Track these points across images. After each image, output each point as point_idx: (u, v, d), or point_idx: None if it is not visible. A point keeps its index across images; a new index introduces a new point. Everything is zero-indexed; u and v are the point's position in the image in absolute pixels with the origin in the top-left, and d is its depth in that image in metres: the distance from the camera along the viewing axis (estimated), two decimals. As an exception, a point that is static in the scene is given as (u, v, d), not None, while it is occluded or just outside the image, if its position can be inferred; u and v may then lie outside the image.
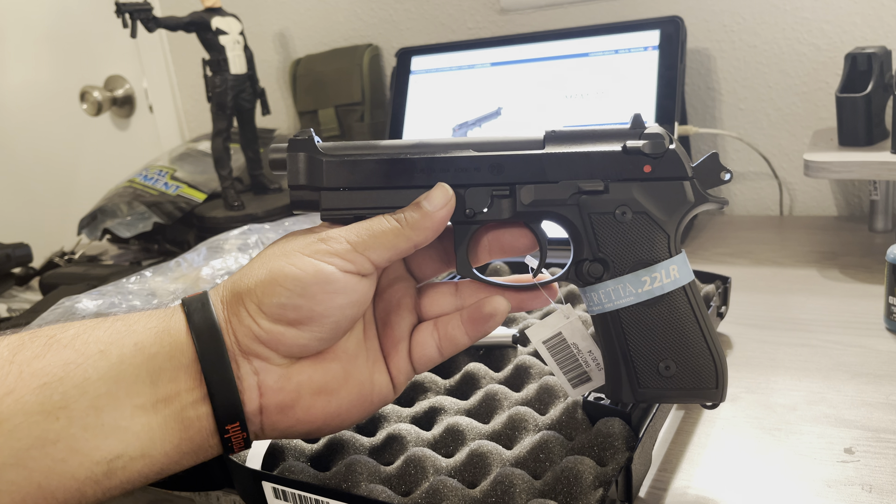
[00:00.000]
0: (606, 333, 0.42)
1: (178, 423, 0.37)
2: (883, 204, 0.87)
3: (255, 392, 0.38)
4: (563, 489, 0.41)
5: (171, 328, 0.37)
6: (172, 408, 0.36)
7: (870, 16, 0.90)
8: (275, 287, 0.37)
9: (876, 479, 0.43)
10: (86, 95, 1.54)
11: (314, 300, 0.38)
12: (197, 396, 0.37)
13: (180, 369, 0.37)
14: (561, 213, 0.42)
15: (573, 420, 0.46)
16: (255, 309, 0.38)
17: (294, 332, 0.38)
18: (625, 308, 0.40)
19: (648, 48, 0.90)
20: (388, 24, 1.20)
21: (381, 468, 0.44)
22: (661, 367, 0.40)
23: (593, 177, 0.41)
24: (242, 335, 0.38)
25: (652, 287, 0.40)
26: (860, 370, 0.56)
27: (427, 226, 0.40)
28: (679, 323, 0.40)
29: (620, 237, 0.41)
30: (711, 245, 0.89)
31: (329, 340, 0.39)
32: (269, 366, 0.38)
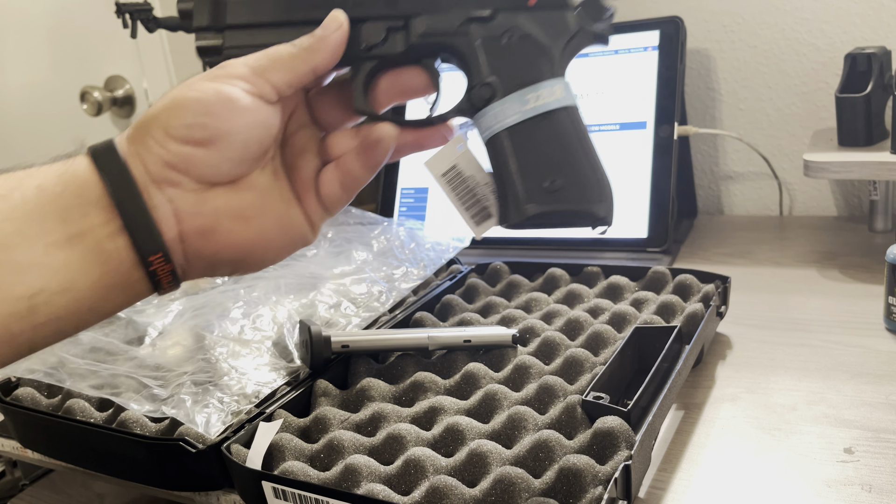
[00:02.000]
0: (497, 157, 0.42)
1: (97, 256, 0.37)
2: (882, 204, 0.87)
3: (172, 220, 0.38)
4: (563, 488, 0.41)
5: (74, 169, 0.38)
6: (88, 242, 0.37)
7: (869, 16, 0.90)
8: (179, 110, 0.38)
9: (876, 478, 0.43)
10: (86, 96, 1.54)
11: (219, 118, 0.38)
12: (112, 229, 0.37)
13: (89, 205, 0.37)
14: (452, 42, 0.43)
15: (572, 419, 0.46)
16: (161, 135, 0.38)
17: (203, 152, 0.38)
18: (512, 126, 0.41)
19: (648, 48, 0.90)
20: (388, 25, 1.20)
21: (380, 468, 0.45)
22: (546, 184, 0.41)
23: (482, 7, 0.43)
24: (152, 163, 0.38)
25: (536, 104, 0.41)
26: (860, 370, 0.56)
27: (322, 47, 0.41)
28: (563, 140, 0.42)
29: (506, 60, 0.42)
30: (711, 245, 0.89)
31: (239, 163, 0.40)
32: (183, 192, 0.38)
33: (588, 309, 0.64)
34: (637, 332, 0.55)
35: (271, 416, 0.50)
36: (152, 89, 1.49)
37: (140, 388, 0.55)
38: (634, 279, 0.69)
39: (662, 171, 0.85)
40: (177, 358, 0.59)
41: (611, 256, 0.84)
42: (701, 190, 1.05)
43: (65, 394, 0.58)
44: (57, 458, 0.57)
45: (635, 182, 0.86)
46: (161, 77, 1.46)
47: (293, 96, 0.44)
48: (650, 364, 0.50)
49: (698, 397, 0.55)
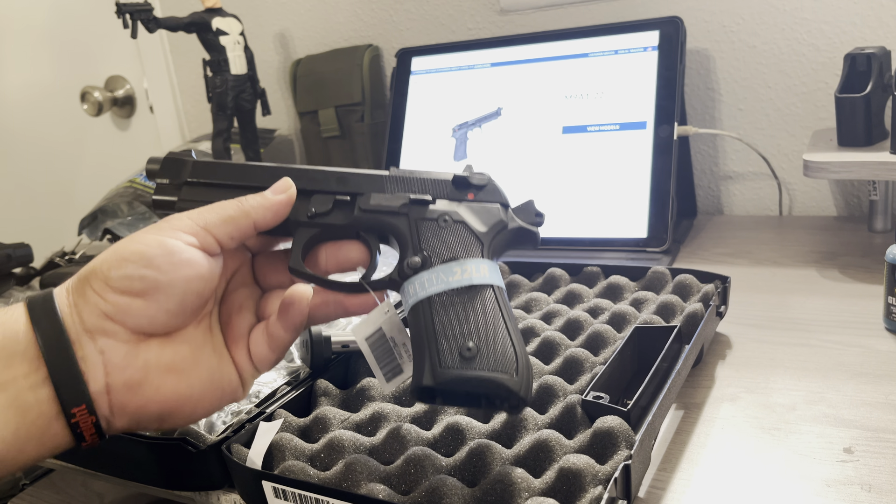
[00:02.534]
0: (417, 322, 0.43)
1: (15, 409, 0.36)
2: (882, 204, 0.87)
3: (101, 370, 0.38)
4: (563, 488, 0.41)
5: (6, 320, 0.38)
6: (8, 394, 0.36)
7: (869, 16, 0.90)
8: (120, 261, 0.39)
9: (875, 478, 0.43)
10: (86, 96, 1.54)
11: (159, 270, 0.39)
12: (35, 381, 0.37)
13: (15, 356, 0.37)
14: (391, 221, 0.46)
15: (572, 419, 0.47)
16: (100, 285, 0.39)
17: (141, 302, 0.39)
18: (436, 294, 0.43)
19: (648, 48, 0.90)
20: (388, 25, 1.20)
21: (381, 467, 0.45)
22: (463, 349, 0.41)
23: (424, 192, 0.47)
24: (88, 313, 0.38)
25: (462, 277, 0.43)
26: (859, 370, 0.56)
27: (266, 206, 0.43)
28: (485, 310, 0.42)
29: (440, 238, 0.45)
30: (711, 245, 0.89)
31: (176, 315, 0.40)
32: (116, 342, 0.39)
33: (588, 309, 0.64)
34: (637, 331, 0.56)
35: (271, 416, 0.50)
36: (152, 89, 1.49)
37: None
38: (634, 279, 0.69)
39: (662, 171, 0.85)
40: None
41: (610, 256, 0.84)
42: (701, 190, 1.05)
43: (65, 393, 0.58)
44: (57, 457, 0.57)
45: (635, 182, 0.86)
46: (161, 77, 1.46)
47: (237, 255, 0.46)
48: (650, 364, 0.50)
49: (698, 397, 0.55)
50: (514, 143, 0.95)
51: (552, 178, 0.91)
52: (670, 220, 0.84)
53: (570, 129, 0.92)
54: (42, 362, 0.37)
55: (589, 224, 0.87)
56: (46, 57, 1.64)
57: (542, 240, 0.72)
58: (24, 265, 1.07)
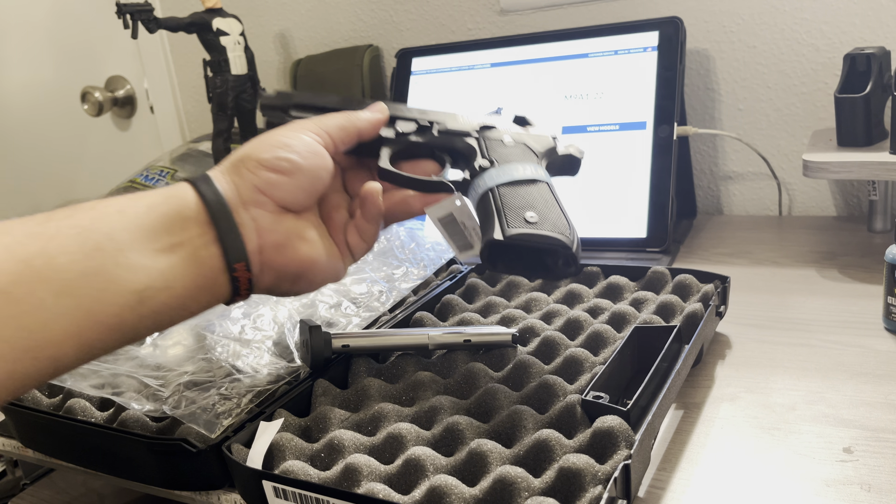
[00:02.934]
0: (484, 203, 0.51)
1: (193, 261, 0.44)
2: (882, 204, 0.87)
3: (254, 233, 0.47)
4: (563, 487, 0.41)
5: (177, 192, 0.46)
6: (186, 249, 0.44)
7: (868, 17, 0.91)
8: (270, 147, 0.48)
9: (875, 478, 0.44)
10: (87, 96, 1.54)
11: (300, 155, 0.48)
12: (207, 240, 0.45)
13: (189, 220, 0.45)
14: (464, 140, 0.56)
15: (572, 419, 0.47)
16: (254, 165, 0.47)
17: (286, 179, 0.48)
18: (501, 184, 0.52)
19: (648, 49, 0.90)
20: (388, 25, 1.20)
21: (381, 467, 0.45)
22: (526, 216, 0.49)
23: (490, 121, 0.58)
24: (244, 188, 0.47)
25: (523, 172, 0.53)
26: (859, 370, 0.56)
27: (368, 119, 0.54)
28: (541, 194, 0.52)
29: (504, 151, 0.55)
30: (710, 245, 0.89)
31: (308, 195, 0.50)
32: (265, 212, 0.47)
33: (588, 309, 0.64)
34: (636, 331, 0.56)
35: (272, 416, 0.50)
36: (153, 89, 1.49)
37: (141, 388, 0.55)
38: (634, 279, 0.69)
39: (662, 171, 0.85)
40: (177, 357, 0.59)
41: (610, 256, 0.84)
42: (700, 190, 1.05)
43: (66, 393, 0.58)
44: (58, 457, 0.57)
45: (635, 182, 0.86)
46: (161, 77, 1.46)
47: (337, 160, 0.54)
48: (650, 364, 0.50)
49: (698, 397, 0.55)
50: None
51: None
52: (670, 220, 0.84)
53: (570, 129, 0.92)
54: (210, 226, 0.45)
55: (589, 224, 0.87)
56: (47, 57, 1.64)
57: None
58: (24, 265, 1.07)
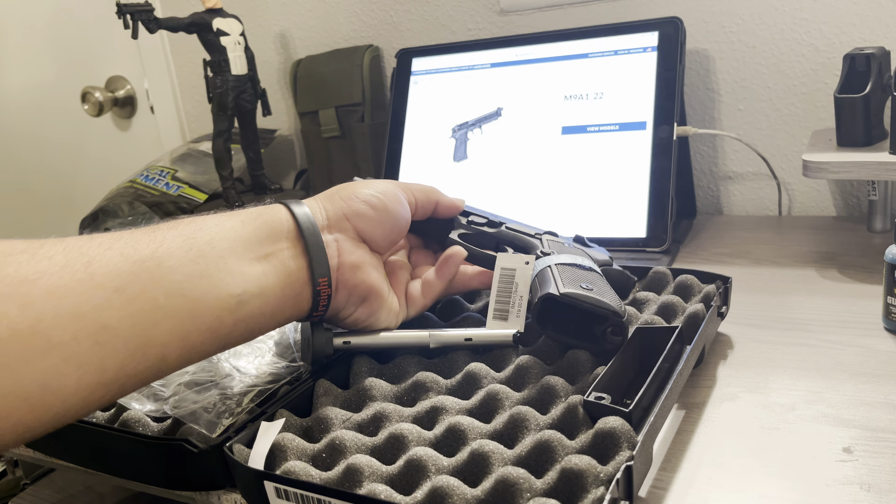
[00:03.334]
0: (543, 274, 0.57)
1: (283, 271, 0.49)
2: (881, 204, 0.87)
3: (335, 252, 0.53)
4: (565, 488, 0.41)
5: (270, 210, 0.51)
6: (278, 259, 0.49)
7: (868, 17, 0.91)
8: (367, 186, 0.56)
9: (874, 478, 0.44)
10: (87, 96, 1.54)
11: (389, 200, 0.56)
12: (295, 252, 0.50)
13: (280, 234, 0.50)
14: (528, 238, 0.65)
15: (574, 419, 0.47)
16: (348, 195, 0.55)
17: (373, 213, 0.55)
18: (559, 263, 0.58)
19: (647, 49, 0.90)
20: (388, 26, 1.21)
21: (382, 468, 0.45)
22: (582, 284, 0.55)
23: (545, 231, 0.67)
24: (333, 213, 0.54)
25: (581, 261, 0.59)
26: (859, 370, 0.56)
27: (447, 200, 0.63)
28: (595, 274, 0.58)
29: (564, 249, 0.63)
30: (710, 245, 0.90)
31: (383, 236, 0.56)
32: (345, 237, 0.54)
33: (588, 309, 0.64)
34: (638, 332, 0.56)
35: (273, 416, 0.50)
36: (153, 90, 1.49)
37: (142, 388, 0.55)
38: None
39: (662, 171, 0.85)
40: (178, 358, 0.59)
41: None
42: (700, 190, 1.05)
43: (67, 394, 0.58)
44: (58, 457, 0.57)
45: (635, 182, 0.87)
46: (162, 77, 1.46)
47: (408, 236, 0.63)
48: (651, 364, 0.50)
49: (699, 397, 0.55)
50: (514, 143, 0.95)
51: (552, 178, 0.91)
52: (670, 221, 0.84)
53: (570, 129, 0.92)
54: (300, 241, 0.50)
55: (588, 224, 0.87)
56: (47, 57, 1.64)
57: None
58: (24, 265, 1.07)
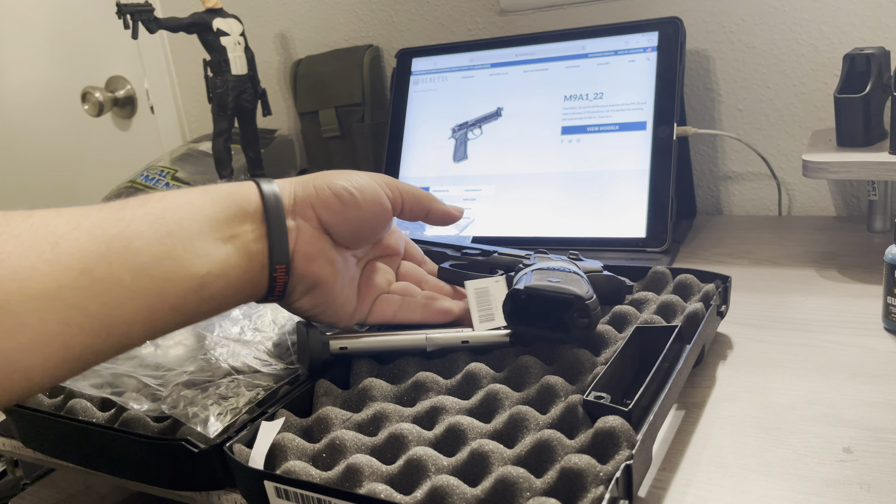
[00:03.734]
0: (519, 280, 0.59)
1: (245, 253, 0.49)
2: (881, 204, 0.87)
3: (294, 238, 0.51)
4: (564, 487, 0.41)
5: (241, 189, 0.50)
6: (241, 241, 0.48)
7: (868, 17, 0.91)
8: (343, 177, 0.54)
9: (874, 478, 0.44)
10: (87, 96, 1.54)
11: (363, 194, 0.54)
12: (257, 235, 0.49)
13: (247, 215, 0.49)
14: (520, 260, 0.65)
15: (574, 419, 0.47)
16: (323, 185, 0.53)
17: (340, 206, 0.53)
18: (536, 268, 0.59)
19: (647, 49, 0.90)
20: (388, 26, 1.21)
21: (382, 467, 0.45)
22: (550, 278, 0.57)
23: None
24: (300, 199, 0.52)
25: (560, 265, 0.61)
26: (858, 370, 0.56)
27: (443, 210, 0.60)
28: (572, 275, 0.58)
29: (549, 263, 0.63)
30: (710, 245, 0.90)
31: (352, 231, 0.54)
32: (308, 225, 0.52)
33: (588, 309, 0.64)
34: (638, 331, 0.56)
35: (273, 416, 0.51)
36: (153, 90, 1.49)
37: (141, 388, 0.55)
38: (634, 279, 0.69)
39: (662, 171, 0.85)
40: (178, 358, 0.59)
41: (610, 256, 0.84)
42: (700, 190, 1.05)
43: (67, 393, 0.58)
44: (58, 457, 0.57)
45: (634, 182, 0.87)
46: (162, 77, 1.46)
47: (395, 240, 0.62)
48: (651, 364, 0.50)
49: (699, 397, 0.55)
50: (514, 143, 0.95)
51: (552, 178, 0.91)
52: (670, 221, 0.84)
53: (570, 129, 0.92)
54: (263, 224, 0.50)
55: (588, 224, 0.87)
56: (47, 57, 1.64)
57: (541, 239, 0.81)
58: (24, 265, 1.07)
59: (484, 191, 0.95)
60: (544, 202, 0.91)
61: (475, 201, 0.94)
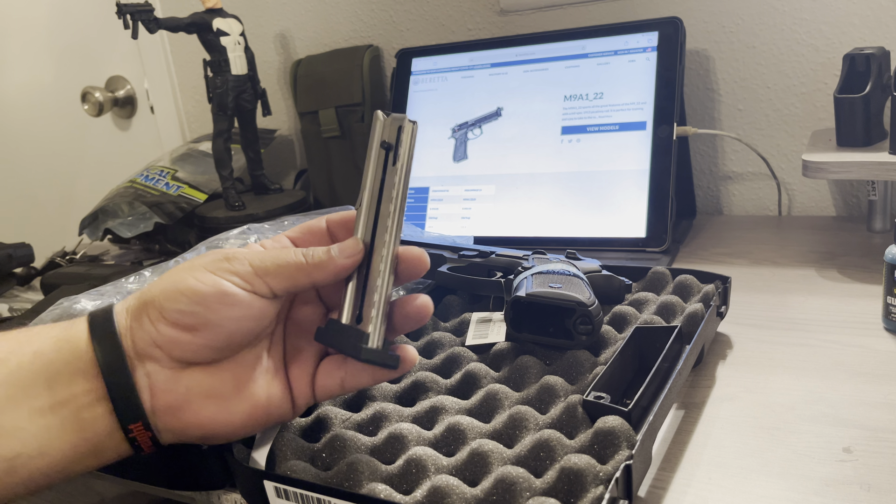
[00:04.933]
0: (519, 282, 0.60)
1: (75, 425, 0.39)
2: (881, 204, 0.87)
3: (147, 393, 0.40)
4: (564, 487, 0.41)
5: (71, 336, 0.40)
6: (69, 409, 0.39)
7: (868, 17, 0.91)
8: (177, 295, 0.40)
9: (874, 478, 0.44)
10: (87, 96, 1.54)
11: (210, 309, 0.40)
12: (93, 398, 0.39)
13: (77, 374, 0.39)
14: (518, 261, 0.66)
15: (573, 419, 0.47)
16: (156, 315, 0.40)
17: (189, 337, 0.40)
18: (536, 272, 0.60)
19: (647, 49, 0.90)
20: (388, 26, 1.21)
21: (382, 467, 0.45)
22: (551, 284, 0.57)
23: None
24: (140, 339, 0.40)
25: (559, 267, 0.61)
26: (858, 370, 0.56)
27: (329, 269, 0.42)
28: (572, 279, 0.59)
29: (549, 265, 0.63)
30: (710, 245, 0.90)
31: (222, 350, 0.42)
32: (160, 368, 0.41)
33: (588, 309, 0.64)
34: (637, 332, 0.56)
35: (273, 416, 0.50)
36: (153, 90, 1.49)
37: None
38: (634, 279, 0.69)
39: (661, 171, 0.85)
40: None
41: (610, 256, 0.84)
42: (700, 190, 1.05)
43: (67, 394, 0.58)
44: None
45: (634, 182, 0.87)
46: (162, 77, 1.46)
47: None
48: (651, 364, 0.50)
49: (698, 397, 0.55)
50: (514, 143, 0.95)
51: (552, 178, 0.91)
52: (670, 221, 0.84)
53: (570, 129, 0.92)
54: (100, 381, 0.39)
55: (588, 224, 0.87)
56: (47, 57, 1.64)
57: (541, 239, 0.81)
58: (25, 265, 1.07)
59: (484, 191, 0.95)
60: (544, 202, 0.91)
61: (475, 201, 0.94)
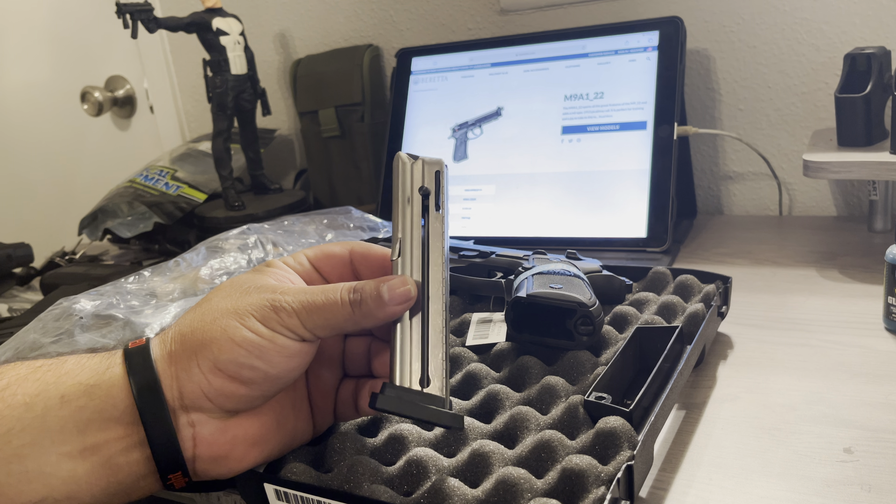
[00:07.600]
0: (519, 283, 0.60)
1: (107, 469, 0.38)
2: (882, 204, 0.87)
3: (190, 443, 0.40)
4: (565, 488, 0.41)
5: (103, 382, 0.38)
6: (101, 455, 0.38)
7: (869, 16, 0.91)
8: (232, 347, 0.39)
9: (875, 478, 0.44)
10: (86, 96, 1.54)
11: (270, 363, 0.39)
12: (128, 444, 0.38)
13: (111, 420, 0.38)
14: (518, 261, 0.66)
15: (575, 419, 0.47)
16: (209, 366, 0.39)
17: (244, 389, 0.40)
18: (536, 272, 0.60)
19: (648, 49, 0.90)
20: (388, 25, 1.20)
21: (382, 468, 0.45)
22: (552, 284, 0.57)
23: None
24: (189, 390, 0.39)
25: (559, 268, 0.61)
26: (859, 370, 0.56)
27: (378, 316, 0.41)
28: (573, 279, 0.59)
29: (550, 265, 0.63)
30: (711, 245, 0.89)
31: (271, 397, 0.42)
32: (208, 418, 0.40)
33: (589, 309, 0.64)
34: (638, 332, 0.56)
35: (273, 417, 0.50)
36: (153, 89, 1.49)
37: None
38: (635, 279, 0.69)
39: (662, 171, 0.85)
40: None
41: (611, 256, 0.84)
42: (700, 190, 1.05)
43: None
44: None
45: (635, 182, 0.86)
46: (161, 77, 1.46)
47: None
48: (652, 364, 0.50)
49: (699, 397, 0.55)
50: (514, 143, 0.95)
51: (552, 178, 0.91)
52: (670, 221, 0.84)
53: (570, 129, 0.92)
54: (137, 427, 0.38)
55: (589, 224, 0.87)
56: (46, 57, 1.63)
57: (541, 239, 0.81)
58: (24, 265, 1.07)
59: (484, 190, 0.94)
60: (544, 202, 0.91)
61: (475, 201, 0.94)
